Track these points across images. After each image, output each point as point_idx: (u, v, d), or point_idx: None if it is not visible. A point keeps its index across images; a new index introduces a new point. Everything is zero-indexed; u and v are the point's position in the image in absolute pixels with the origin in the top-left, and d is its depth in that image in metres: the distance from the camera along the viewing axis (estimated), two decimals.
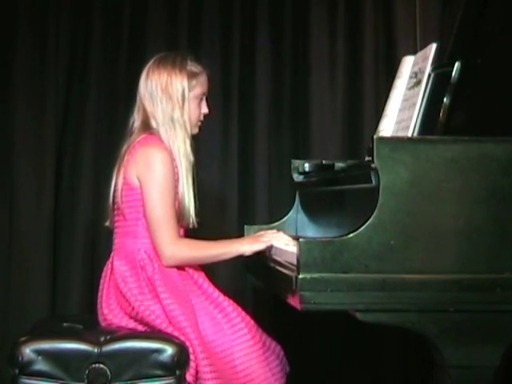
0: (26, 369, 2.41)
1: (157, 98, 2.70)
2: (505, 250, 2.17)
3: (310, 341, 3.59)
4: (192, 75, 2.73)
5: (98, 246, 3.60)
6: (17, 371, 2.42)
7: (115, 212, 2.71)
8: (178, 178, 2.66)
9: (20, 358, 2.41)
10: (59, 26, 3.66)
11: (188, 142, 2.70)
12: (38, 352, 2.42)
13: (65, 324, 2.68)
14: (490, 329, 2.17)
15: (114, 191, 2.69)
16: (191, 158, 2.70)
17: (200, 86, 2.75)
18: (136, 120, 2.75)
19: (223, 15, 3.76)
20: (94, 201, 3.62)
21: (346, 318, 2.26)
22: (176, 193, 2.65)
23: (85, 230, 3.62)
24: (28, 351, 2.41)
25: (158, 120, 2.69)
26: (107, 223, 2.76)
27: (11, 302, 3.57)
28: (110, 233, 2.79)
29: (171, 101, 2.69)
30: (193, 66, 2.74)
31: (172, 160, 2.64)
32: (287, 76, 3.79)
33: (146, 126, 2.71)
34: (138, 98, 2.76)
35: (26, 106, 3.63)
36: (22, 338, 2.47)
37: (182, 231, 2.72)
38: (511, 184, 2.18)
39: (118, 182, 2.68)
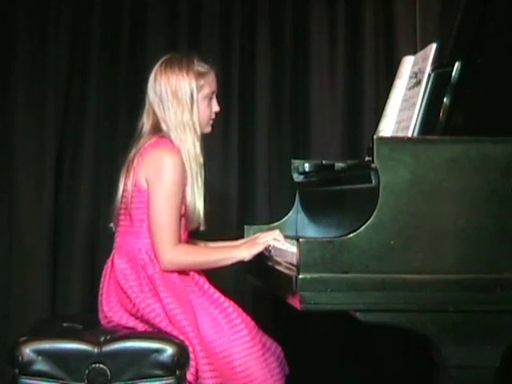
0: (26, 369, 2.41)
1: (167, 102, 2.68)
2: (505, 250, 2.17)
3: (309, 341, 3.59)
4: (199, 75, 2.72)
5: (97, 245, 3.60)
6: (17, 371, 2.42)
7: (121, 212, 2.70)
8: (186, 183, 2.66)
9: (20, 358, 2.41)
10: (59, 27, 3.66)
11: (198, 144, 2.69)
12: (38, 352, 2.42)
13: (65, 324, 2.68)
14: (490, 329, 2.16)
15: (123, 192, 2.68)
16: (201, 160, 2.70)
17: (208, 86, 2.74)
18: (145, 124, 2.74)
19: (223, 15, 3.76)
20: (94, 201, 3.63)
21: (346, 318, 2.26)
22: (183, 197, 2.65)
23: (85, 230, 3.62)
24: (28, 351, 2.41)
25: (170, 124, 2.68)
26: (111, 224, 2.75)
27: (11, 302, 3.57)
28: (110, 233, 2.79)
29: (181, 104, 2.68)
30: (199, 66, 2.73)
31: (182, 164, 2.64)
32: (287, 76, 3.79)
33: (156, 130, 2.71)
34: (146, 102, 2.74)
35: (26, 107, 3.63)
36: (22, 338, 2.47)
37: (185, 234, 2.72)
38: (511, 184, 2.18)
39: (127, 183, 2.66)
